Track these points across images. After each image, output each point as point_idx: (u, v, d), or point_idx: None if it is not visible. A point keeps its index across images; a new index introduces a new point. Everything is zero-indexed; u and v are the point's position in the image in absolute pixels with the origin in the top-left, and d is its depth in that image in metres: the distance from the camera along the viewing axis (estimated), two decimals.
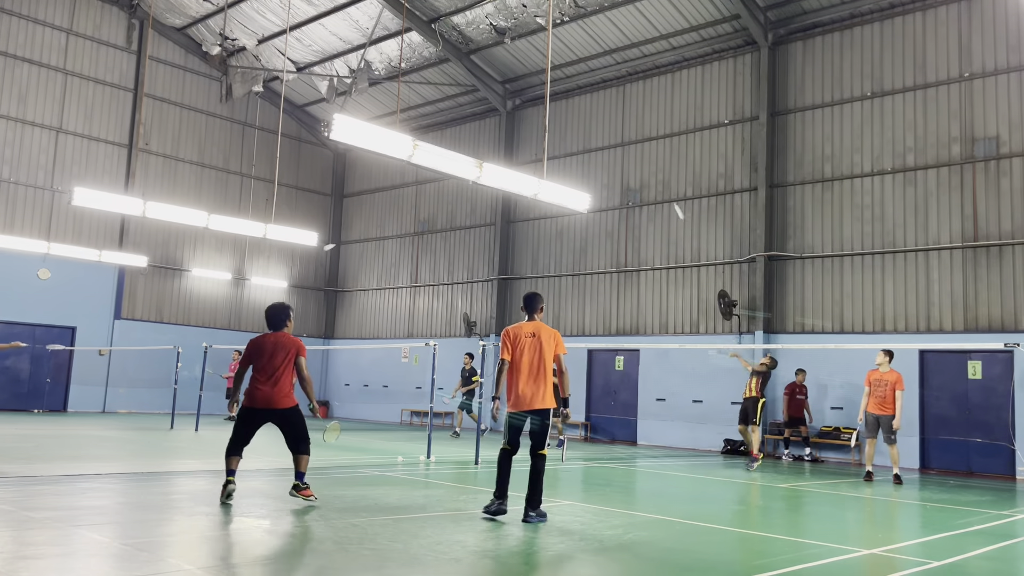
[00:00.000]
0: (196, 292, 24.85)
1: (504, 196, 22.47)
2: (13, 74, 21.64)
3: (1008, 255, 15.06)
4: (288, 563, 5.43)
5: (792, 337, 17.31)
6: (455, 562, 5.50)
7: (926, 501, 10.50)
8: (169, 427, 17.46)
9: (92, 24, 23.02)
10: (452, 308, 24.37)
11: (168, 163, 24.32)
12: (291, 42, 23.20)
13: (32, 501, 7.36)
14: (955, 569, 6.05)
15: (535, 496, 7.16)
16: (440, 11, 20.75)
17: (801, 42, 18.11)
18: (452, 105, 24.63)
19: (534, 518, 7.14)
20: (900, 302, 16.17)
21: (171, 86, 24.47)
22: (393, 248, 26.48)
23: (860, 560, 6.24)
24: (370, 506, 7.72)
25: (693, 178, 19.47)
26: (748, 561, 6.09)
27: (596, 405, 20.46)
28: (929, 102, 16.29)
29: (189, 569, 5.06)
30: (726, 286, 18.46)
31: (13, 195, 21.54)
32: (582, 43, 20.44)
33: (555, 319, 21.66)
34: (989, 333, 14.96)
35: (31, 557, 5.22)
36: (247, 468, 9.81)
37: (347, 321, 27.69)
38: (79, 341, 22.23)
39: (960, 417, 15.22)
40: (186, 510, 7.29)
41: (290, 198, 26.73)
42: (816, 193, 17.56)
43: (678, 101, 20.01)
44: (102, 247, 22.07)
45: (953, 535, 7.71)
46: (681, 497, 10.16)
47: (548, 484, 10.21)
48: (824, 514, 9.12)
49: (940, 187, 15.98)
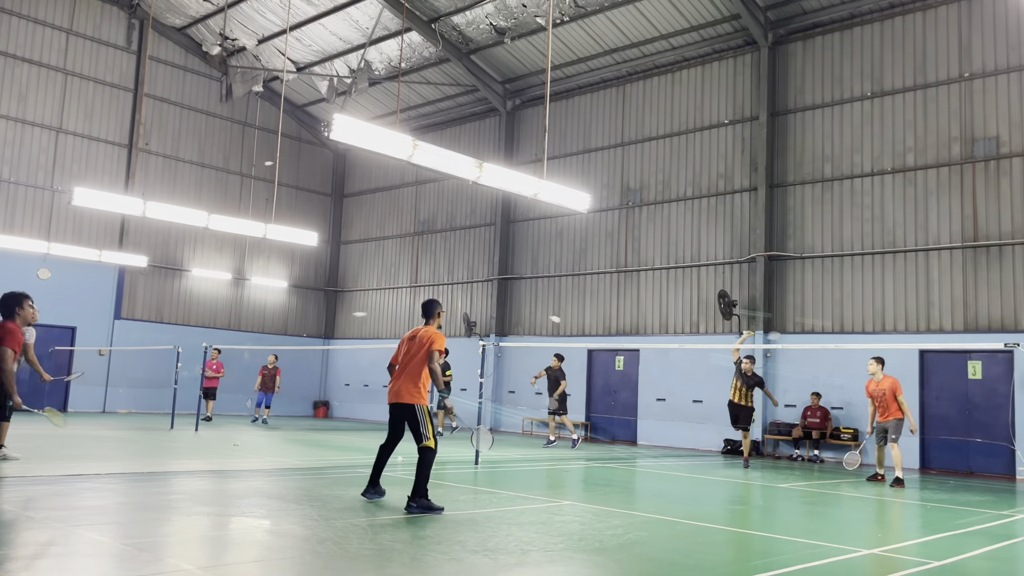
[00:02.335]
0: (196, 292, 24.85)
1: (504, 196, 22.47)
2: (13, 74, 21.64)
3: (1008, 255, 15.06)
4: (288, 563, 5.43)
5: (792, 337, 17.31)
6: (455, 562, 5.49)
7: (926, 501, 10.50)
8: (169, 427, 17.45)
9: (92, 24, 23.01)
10: (452, 308, 24.36)
11: (168, 163, 24.32)
12: (291, 42, 23.20)
13: (32, 501, 7.36)
14: (955, 569, 6.05)
15: (417, 486, 7.49)
16: (440, 11, 20.75)
17: (801, 42, 18.11)
18: (452, 105, 24.63)
19: (415, 508, 7.39)
20: (900, 302, 16.16)
21: (171, 86, 24.47)
22: (393, 248, 26.47)
23: (860, 560, 6.24)
24: (370, 506, 7.72)
25: (693, 178, 19.47)
26: (748, 561, 6.09)
27: (596, 405, 20.46)
28: (929, 102, 16.29)
29: (189, 569, 5.06)
30: (726, 286, 18.46)
31: (13, 195, 21.53)
32: (582, 43, 20.44)
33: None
34: (989, 333, 14.95)
35: (31, 557, 5.22)
36: (247, 468, 9.81)
37: (347, 321, 27.69)
38: (79, 341, 22.22)
39: (960, 417, 15.21)
40: (186, 510, 7.29)
41: (290, 198, 26.73)
42: (816, 193, 17.55)
43: (678, 101, 20.01)
44: (102, 247, 22.06)
45: (953, 535, 7.70)
46: (681, 497, 10.16)
47: (549, 484, 10.22)
48: (824, 514, 9.11)
49: (940, 187, 15.98)
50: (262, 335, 26.01)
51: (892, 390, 12.11)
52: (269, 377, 21.04)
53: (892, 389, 12.12)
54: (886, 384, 12.20)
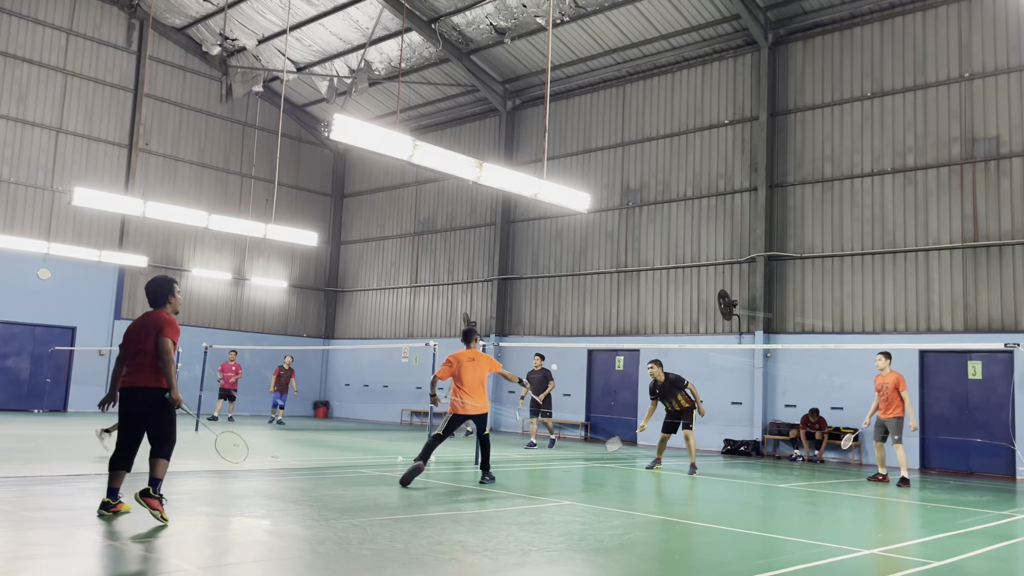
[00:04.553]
0: (196, 292, 24.85)
1: (504, 196, 22.47)
2: (13, 74, 21.64)
3: (1008, 255, 15.06)
4: (288, 563, 5.43)
5: (792, 337, 17.31)
6: (455, 562, 5.50)
7: (926, 501, 10.50)
8: None
9: (92, 24, 23.01)
10: (452, 308, 24.36)
11: (168, 163, 24.32)
12: (291, 42, 23.20)
13: (32, 501, 7.36)
14: (955, 569, 6.05)
15: (484, 462, 10.16)
16: (440, 11, 20.75)
17: (801, 42, 18.11)
18: (452, 105, 24.63)
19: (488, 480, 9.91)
20: (900, 302, 16.16)
21: (171, 86, 24.47)
22: (393, 248, 26.47)
23: (860, 560, 6.24)
24: (370, 506, 7.72)
25: (693, 178, 19.47)
26: (748, 561, 6.08)
27: (596, 405, 20.46)
28: (929, 102, 16.29)
29: (189, 569, 5.06)
30: (726, 286, 18.46)
31: (13, 195, 21.53)
32: (582, 43, 20.44)
33: (555, 319, 21.68)
34: (989, 333, 14.95)
35: (31, 557, 5.22)
36: (247, 468, 9.81)
37: (347, 321, 27.69)
38: (79, 341, 22.22)
39: (960, 417, 15.21)
40: (186, 510, 7.28)
41: (290, 198, 26.72)
42: (816, 193, 17.55)
43: (678, 101, 20.01)
44: (102, 247, 22.06)
45: (953, 535, 7.70)
46: (681, 497, 10.16)
47: (549, 484, 10.24)
48: (824, 514, 9.11)
49: (940, 187, 15.98)
50: (262, 335, 26.01)
51: (896, 385, 12.12)
52: (284, 378, 21.28)
53: (896, 384, 12.13)
54: (891, 379, 12.21)
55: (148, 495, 6.27)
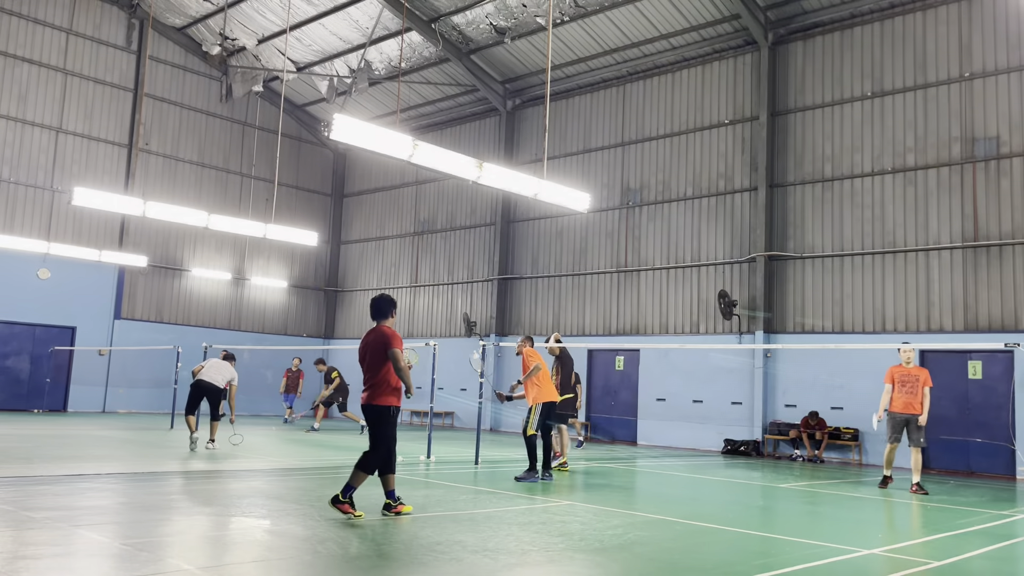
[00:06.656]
0: (196, 292, 24.85)
1: (504, 196, 22.47)
2: (13, 74, 21.64)
3: (1008, 255, 15.06)
4: (288, 563, 5.42)
5: (792, 337, 17.31)
6: (455, 562, 5.49)
7: (926, 501, 10.50)
8: (169, 427, 17.45)
9: (92, 24, 23.01)
10: (452, 308, 24.36)
11: (168, 163, 24.32)
12: (291, 42, 23.20)
13: (32, 501, 7.36)
14: (955, 569, 6.05)
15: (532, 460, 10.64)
16: (440, 11, 20.74)
17: (801, 42, 18.10)
18: (452, 105, 24.63)
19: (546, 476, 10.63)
20: (900, 302, 16.16)
21: (171, 86, 24.47)
22: (393, 248, 26.47)
23: (860, 560, 6.24)
24: (370, 506, 7.72)
25: (693, 178, 19.47)
26: (748, 561, 6.08)
27: (596, 405, 20.46)
28: (929, 102, 16.29)
29: (189, 569, 5.06)
30: (726, 286, 18.46)
31: (13, 195, 21.53)
32: (582, 43, 20.44)
33: (555, 319, 21.68)
34: (989, 333, 14.95)
35: (31, 557, 5.22)
36: (247, 468, 9.81)
37: (347, 321, 27.69)
38: (79, 341, 22.22)
39: (960, 417, 15.21)
40: (186, 510, 7.28)
41: (290, 198, 26.72)
42: (816, 193, 17.55)
43: (678, 101, 20.01)
44: (102, 247, 22.07)
45: (953, 535, 7.70)
46: (681, 497, 10.15)
47: (549, 484, 10.22)
48: (824, 514, 9.11)
49: (940, 187, 15.98)
50: (262, 335, 26.01)
51: (925, 381, 11.41)
52: (294, 379, 21.62)
53: (926, 380, 11.43)
54: (923, 374, 11.49)
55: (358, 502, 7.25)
